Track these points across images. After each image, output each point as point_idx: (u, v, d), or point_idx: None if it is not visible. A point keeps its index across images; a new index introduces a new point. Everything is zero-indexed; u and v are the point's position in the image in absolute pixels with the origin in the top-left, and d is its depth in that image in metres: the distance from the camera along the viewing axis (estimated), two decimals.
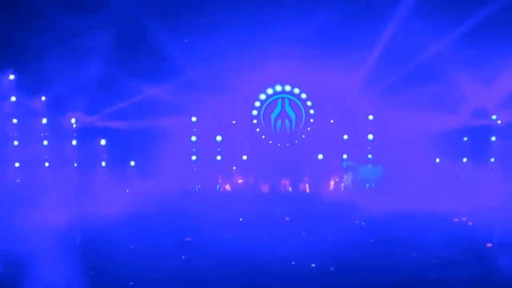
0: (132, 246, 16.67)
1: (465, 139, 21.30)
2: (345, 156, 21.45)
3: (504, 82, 20.07)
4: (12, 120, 20.51)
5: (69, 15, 19.10)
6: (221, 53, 20.26)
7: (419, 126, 20.10)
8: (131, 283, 14.36)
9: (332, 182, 21.27)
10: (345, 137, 21.51)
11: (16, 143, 20.58)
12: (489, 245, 16.10)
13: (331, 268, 15.20)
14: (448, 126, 20.82)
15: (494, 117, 21.12)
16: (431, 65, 20.17)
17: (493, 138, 21.27)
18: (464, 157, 21.34)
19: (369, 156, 21.44)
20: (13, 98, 20.43)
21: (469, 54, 19.25)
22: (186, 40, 20.12)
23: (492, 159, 21.28)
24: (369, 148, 21.45)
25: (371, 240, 17.16)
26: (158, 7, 19.53)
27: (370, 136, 21.37)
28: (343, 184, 21.28)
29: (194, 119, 21.12)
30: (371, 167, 21.25)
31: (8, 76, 20.38)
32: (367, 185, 21.21)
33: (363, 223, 18.87)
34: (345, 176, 21.29)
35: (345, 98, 21.31)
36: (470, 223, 18.35)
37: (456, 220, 18.43)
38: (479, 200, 19.78)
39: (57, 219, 17.14)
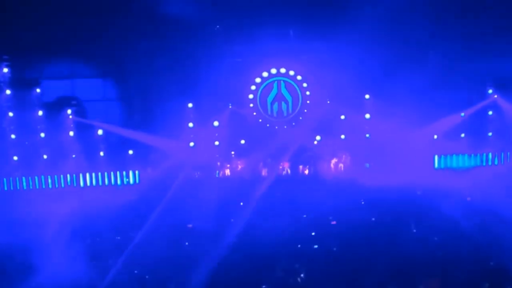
0: (132, 234, 16.75)
1: (462, 114, 21.25)
2: (343, 136, 21.40)
3: None
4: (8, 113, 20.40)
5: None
6: (216, 37, 20.17)
7: (417, 105, 20.03)
8: (135, 271, 14.52)
9: (331, 163, 21.25)
10: (342, 117, 21.43)
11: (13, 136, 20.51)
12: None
13: (334, 249, 15.36)
14: (446, 102, 20.86)
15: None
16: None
17: (490, 112, 21.29)
18: (462, 132, 21.32)
19: (367, 135, 21.37)
20: (8, 91, 20.31)
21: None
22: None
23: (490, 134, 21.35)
24: (367, 127, 21.36)
25: (373, 219, 17.30)
26: None
27: (367, 116, 21.29)
28: (342, 165, 21.26)
29: (190, 105, 21.02)
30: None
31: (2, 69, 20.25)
32: (367, 164, 21.21)
33: (362, 202, 18.97)
34: (344, 156, 21.31)
35: (341, 78, 21.18)
36: (468, 199, 18.44)
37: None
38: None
39: (58, 212, 17.30)
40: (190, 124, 21.04)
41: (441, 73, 20.47)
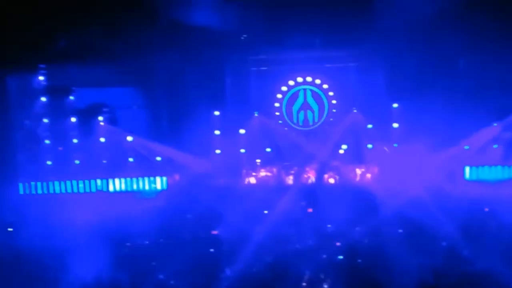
0: (161, 240, 17.03)
1: (495, 124, 20.82)
2: (369, 145, 21.26)
3: None
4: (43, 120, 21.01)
5: None
6: (243, 46, 20.34)
7: (447, 115, 19.73)
8: (161, 277, 14.78)
9: (357, 172, 21.13)
10: (369, 126, 21.30)
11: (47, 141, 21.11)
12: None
13: (359, 260, 15.30)
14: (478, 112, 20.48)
15: None
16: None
17: None
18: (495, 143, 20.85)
19: (395, 145, 21.14)
20: (43, 99, 20.94)
21: None
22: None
23: None
24: (395, 137, 21.12)
25: (400, 231, 17.11)
26: None
27: (395, 125, 21.08)
28: (369, 175, 21.12)
29: (217, 113, 21.23)
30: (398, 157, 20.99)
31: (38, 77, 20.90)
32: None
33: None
34: (371, 166, 21.14)
35: (368, 86, 21.10)
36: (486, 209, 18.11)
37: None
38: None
39: (89, 216, 17.74)
40: (217, 132, 21.24)
41: (473, 82, 20.13)
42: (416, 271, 14.16)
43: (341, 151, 21.32)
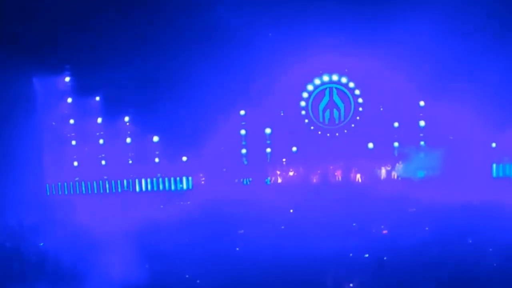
0: (185, 240, 17.02)
1: None
2: (396, 144, 21.06)
3: None
4: (69, 121, 21.19)
5: None
6: (269, 45, 20.31)
7: (474, 111, 19.50)
8: (187, 276, 14.75)
9: (383, 171, 20.96)
10: (396, 124, 21.11)
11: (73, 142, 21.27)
12: None
13: (384, 258, 15.14)
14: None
15: None
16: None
17: None
18: None
19: (422, 143, 20.94)
20: (69, 100, 21.11)
21: None
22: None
23: None
24: (422, 135, 20.93)
25: (426, 228, 16.91)
26: None
27: (422, 123, 20.86)
28: (395, 173, 20.94)
29: (242, 112, 21.21)
30: (424, 155, 20.83)
31: (64, 78, 21.08)
32: (421, 173, 20.80)
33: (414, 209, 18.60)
34: (397, 164, 20.97)
35: (394, 84, 20.92)
36: None
37: None
38: None
39: (115, 215, 17.81)
40: (243, 131, 21.22)
41: (501, 81, 19.88)
42: None
43: (368, 150, 21.15)
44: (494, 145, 20.47)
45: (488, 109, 19.68)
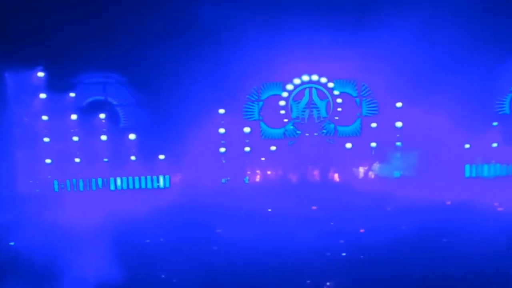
0: (162, 239, 16.85)
1: (495, 124, 20.90)
2: (373, 144, 21.22)
3: None
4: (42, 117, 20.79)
5: None
6: (248, 44, 20.26)
7: (448, 113, 19.78)
8: (163, 276, 14.61)
9: (361, 171, 21.09)
10: (373, 125, 21.27)
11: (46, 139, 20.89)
12: None
13: (361, 256, 15.26)
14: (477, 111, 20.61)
15: None
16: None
17: None
18: (495, 142, 20.92)
19: (398, 143, 21.15)
20: (42, 95, 20.70)
21: None
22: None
23: None
24: (398, 135, 21.13)
25: (403, 227, 17.08)
26: None
27: (399, 124, 21.08)
28: (372, 173, 21.09)
29: (222, 111, 21.11)
30: (401, 156, 21.06)
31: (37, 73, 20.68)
32: (398, 173, 21.01)
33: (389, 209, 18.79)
34: (374, 164, 21.14)
35: (373, 85, 21.22)
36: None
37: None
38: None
39: (89, 215, 17.52)
40: (221, 130, 21.12)
41: (475, 85, 20.22)
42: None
43: (345, 149, 21.29)
44: (467, 146, 20.76)
45: (461, 112, 20.05)
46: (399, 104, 21.03)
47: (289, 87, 21.32)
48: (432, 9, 19.14)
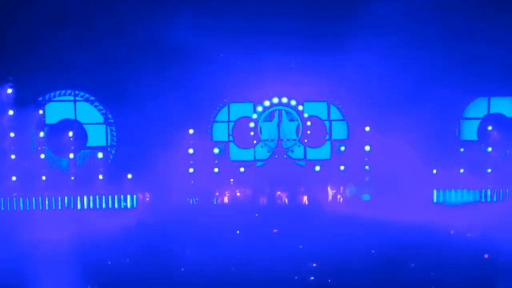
0: (127, 260, 16.62)
1: (462, 150, 21.34)
2: (342, 167, 21.44)
3: None
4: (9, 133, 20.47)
5: None
6: (218, 66, 20.36)
7: (417, 136, 20.10)
8: None
9: (330, 193, 21.24)
10: (342, 148, 21.50)
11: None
12: (486, 256, 16.16)
13: (329, 281, 15.25)
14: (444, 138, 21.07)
15: None
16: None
17: (489, 149, 21.32)
18: (461, 168, 21.31)
19: (367, 167, 21.39)
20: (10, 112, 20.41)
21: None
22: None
23: (489, 170, 21.33)
24: (366, 159, 21.38)
25: (373, 251, 17.16)
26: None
27: (367, 148, 21.34)
28: (340, 196, 21.26)
29: (191, 131, 21.11)
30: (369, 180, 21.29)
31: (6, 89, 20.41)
32: (366, 197, 21.21)
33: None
34: (343, 187, 21.31)
35: (342, 109, 21.62)
36: (468, 235, 18.38)
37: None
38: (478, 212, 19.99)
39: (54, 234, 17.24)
40: (190, 150, 21.09)
41: (443, 110, 20.72)
42: None
43: (314, 172, 21.44)
44: (435, 171, 21.08)
45: (429, 137, 20.41)
46: (367, 128, 21.32)
47: (259, 108, 21.49)
48: (398, 33, 19.55)
